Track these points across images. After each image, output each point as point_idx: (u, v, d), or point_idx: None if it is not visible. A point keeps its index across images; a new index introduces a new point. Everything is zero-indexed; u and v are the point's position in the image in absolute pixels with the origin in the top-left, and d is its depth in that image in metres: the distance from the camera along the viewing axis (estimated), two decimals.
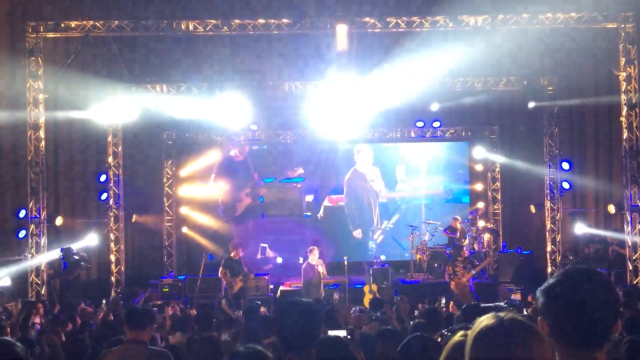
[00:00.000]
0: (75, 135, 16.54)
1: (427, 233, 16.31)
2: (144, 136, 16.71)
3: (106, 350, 5.07)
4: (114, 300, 9.27)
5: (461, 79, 15.60)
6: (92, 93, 15.13)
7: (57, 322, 8.64)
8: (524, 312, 9.29)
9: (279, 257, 17.80)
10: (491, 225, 17.33)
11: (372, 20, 13.42)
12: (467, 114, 17.03)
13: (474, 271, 13.00)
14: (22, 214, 13.30)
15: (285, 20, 13.41)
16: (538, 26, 13.52)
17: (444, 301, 11.32)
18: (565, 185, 15.73)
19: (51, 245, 14.01)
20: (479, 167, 18.09)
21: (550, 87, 15.60)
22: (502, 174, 17.78)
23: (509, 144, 17.68)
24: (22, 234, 13.28)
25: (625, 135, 13.37)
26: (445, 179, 18.43)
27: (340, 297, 13.50)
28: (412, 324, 6.04)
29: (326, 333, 5.83)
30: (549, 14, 13.29)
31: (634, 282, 12.95)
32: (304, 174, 18.36)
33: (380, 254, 17.54)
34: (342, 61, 14.48)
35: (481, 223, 17.03)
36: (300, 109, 16.30)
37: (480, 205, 17.85)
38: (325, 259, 14.27)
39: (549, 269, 15.31)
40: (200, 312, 9.01)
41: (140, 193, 16.88)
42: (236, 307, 11.57)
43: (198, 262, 15.30)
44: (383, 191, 18.44)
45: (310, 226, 18.21)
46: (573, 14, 13.26)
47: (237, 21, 13.42)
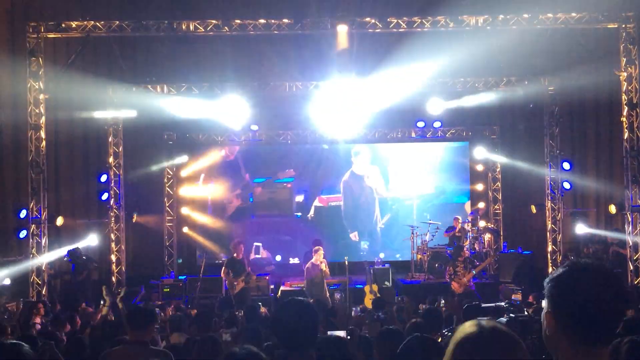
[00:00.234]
0: (76, 135, 16.56)
1: (427, 233, 16.29)
2: (145, 136, 16.71)
3: (107, 351, 5.07)
4: (114, 300, 9.26)
5: (462, 79, 15.61)
6: (92, 93, 15.15)
7: (57, 322, 8.64)
8: (524, 312, 9.29)
9: (277, 255, 17.77)
10: (492, 226, 17.32)
11: (373, 21, 13.42)
12: (468, 114, 17.01)
13: (474, 271, 12.99)
14: (22, 214, 13.30)
15: (285, 21, 13.41)
16: (539, 26, 13.52)
17: (444, 301, 11.31)
18: (566, 185, 15.72)
19: (52, 246, 14.01)
20: (479, 167, 18.08)
21: (551, 87, 15.60)
22: (502, 174, 17.77)
23: (510, 144, 17.67)
24: (23, 234, 13.27)
25: (626, 135, 13.37)
26: (437, 179, 18.30)
27: (341, 297, 13.52)
28: (409, 324, 6.03)
29: (325, 334, 5.83)
30: (550, 14, 13.28)
31: (635, 282, 12.95)
32: (295, 175, 18.21)
33: (372, 254, 17.27)
34: (342, 61, 14.49)
35: (482, 223, 17.03)
36: (300, 109, 16.31)
37: (481, 205, 17.84)
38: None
39: (549, 269, 15.30)
40: (198, 312, 9.02)
41: (141, 193, 16.87)
42: (237, 308, 11.57)
43: (198, 262, 15.33)
44: (380, 190, 18.29)
45: (301, 226, 18.07)
46: (574, 14, 13.26)
47: (238, 21, 13.41)
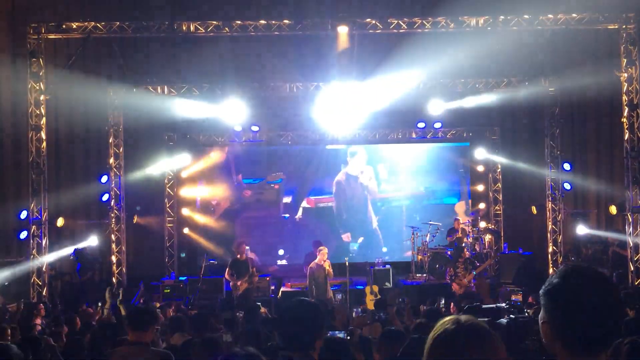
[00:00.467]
0: (77, 136, 16.56)
1: (428, 234, 16.28)
2: (145, 137, 16.71)
3: (108, 352, 5.07)
4: (115, 303, 9.25)
5: (462, 80, 15.61)
6: (93, 94, 15.15)
7: (58, 323, 8.64)
8: (525, 313, 9.27)
9: (281, 250, 17.65)
10: (492, 226, 17.31)
11: (373, 22, 13.42)
12: (469, 115, 17.01)
13: (475, 272, 12.99)
14: (23, 215, 13.31)
15: (286, 21, 13.41)
16: (539, 27, 13.52)
17: (443, 302, 11.31)
18: (567, 186, 15.72)
19: (52, 247, 14.02)
20: (480, 168, 18.08)
21: (552, 88, 15.60)
22: (503, 175, 17.75)
23: (510, 145, 17.66)
24: (24, 235, 13.28)
25: (626, 136, 13.36)
26: (427, 180, 18.18)
27: (342, 298, 13.51)
28: (413, 325, 6.04)
29: (325, 334, 5.82)
30: (550, 15, 13.28)
31: (636, 283, 12.94)
32: (285, 176, 18.05)
33: (362, 256, 16.99)
34: (343, 62, 14.50)
35: (482, 224, 17.02)
36: (301, 110, 16.31)
37: (482, 206, 17.84)
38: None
39: (550, 270, 15.29)
40: (196, 313, 8.99)
41: (142, 194, 16.87)
42: (240, 309, 11.55)
43: (199, 263, 15.32)
44: (374, 191, 18.09)
45: (289, 228, 17.92)
46: (574, 15, 13.26)
47: (238, 22, 13.42)
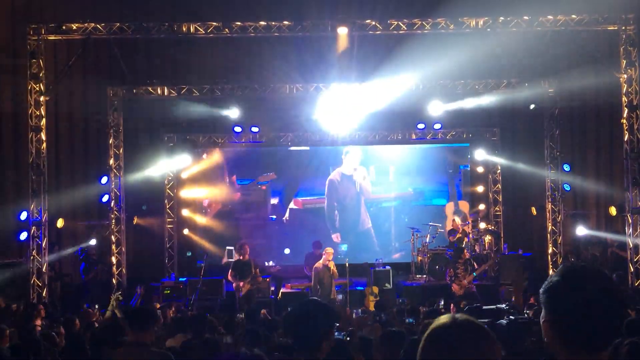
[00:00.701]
0: (77, 137, 16.57)
1: (428, 235, 16.29)
2: (145, 138, 16.70)
3: (108, 352, 5.07)
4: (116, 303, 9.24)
5: (462, 81, 15.61)
6: (93, 95, 15.16)
7: (56, 324, 8.63)
8: (524, 314, 9.28)
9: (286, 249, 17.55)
10: (492, 227, 17.30)
11: (373, 23, 13.41)
12: (468, 116, 17.01)
13: (475, 273, 13.00)
14: (23, 216, 13.30)
15: (286, 23, 13.41)
16: (539, 28, 13.52)
17: (442, 303, 11.32)
18: (567, 187, 15.72)
19: (52, 248, 14.01)
20: (480, 169, 18.08)
21: (551, 89, 15.60)
22: (503, 176, 17.75)
23: (510, 146, 17.66)
24: (24, 236, 13.27)
25: (626, 137, 13.36)
26: (415, 181, 18.10)
27: (342, 299, 13.52)
28: (421, 327, 6.05)
29: None
30: (550, 16, 13.28)
31: (636, 284, 12.94)
32: (276, 177, 17.95)
33: (352, 257, 16.35)
34: (343, 63, 14.51)
35: (482, 225, 17.02)
36: (301, 111, 16.32)
37: (482, 207, 17.84)
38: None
39: (550, 271, 15.29)
40: (196, 315, 8.98)
41: (142, 195, 16.86)
42: (241, 310, 11.55)
43: (199, 264, 15.32)
44: (367, 191, 18.00)
45: (276, 229, 17.78)
46: (574, 16, 13.26)
47: (238, 23, 13.41)
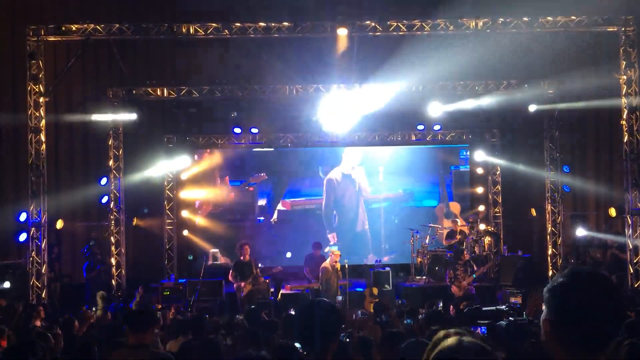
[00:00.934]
0: (76, 138, 16.56)
1: (428, 236, 16.28)
2: (145, 139, 16.69)
3: (107, 354, 5.05)
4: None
5: (462, 83, 15.61)
6: (92, 96, 15.16)
7: (54, 325, 8.62)
8: (524, 315, 9.29)
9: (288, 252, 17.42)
10: (492, 229, 17.30)
11: (373, 24, 13.41)
12: (468, 117, 17.02)
13: (474, 275, 12.99)
14: (22, 217, 13.30)
15: (285, 24, 13.41)
16: (538, 29, 13.52)
17: (441, 305, 11.30)
18: (566, 188, 15.72)
19: (51, 249, 14.01)
20: (479, 170, 18.08)
21: (551, 91, 15.60)
22: (502, 177, 17.76)
23: (510, 147, 17.66)
24: (23, 237, 13.26)
25: (625, 138, 13.36)
26: (404, 182, 18.07)
27: (342, 300, 13.51)
28: (428, 332, 6.04)
29: None
30: (550, 17, 13.29)
31: (635, 285, 12.94)
32: (267, 178, 17.87)
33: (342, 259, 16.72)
34: (342, 64, 14.51)
35: (482, 226, 17.01)
36: (301, 112, 16.32)
37: (481, 208, 17.84)
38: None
39: (549, 272, 15.30)
40: (196, 316, 8.96)
41: (141, 196, 16.86)
42: (242, 311, 11.51)
43: (198, 265, 15.30)
44: (366, 191, 17.98)
45: (263, 231, 17.66)
46: (573, 17, 13.26)
47: (238, 24, 13.41)
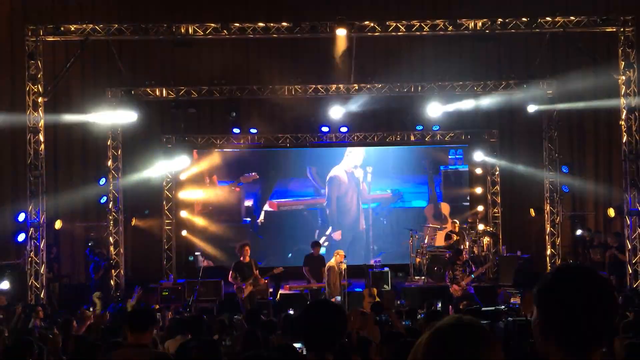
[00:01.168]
0: (75, 138, 16.55)
1: (427, 236, 16.27)
2: (144, 139, 16.68)
3: (107, 354, 5.04)
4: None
5: (461, 83, 15.60)
6: (91, 96, 15.14)
7: (52, 325, 8.62)
8: (523, 315, 9.27)
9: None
10: (491, 229, 17.30)
11: (372, 24, 13.42)
12: (467, 118, 17.03)
13: (473, 275, 12.98)
14: (21, 217, 13.28)
15: (284, 24, 13.41)
16: (537, 30, 13.53)
17: (440, 305, 11.30)
18: (565, 188, 15.73)
19: (50, 249, 13.99)
20: (478, 170, 18.08)
21: (550, 91, 15.61)
22: (501, 178, 17.74)
23: (509, 147, 17.67)
24: (22, 237, 13.25)
25: (624, 138, 13.36)
26: (392, 182, 18.01)
27: (341, 301, 13.49)
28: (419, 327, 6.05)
29: None
30: (548, 18, 13.30)
31: (634, 286, 12.93)
32: (257, 177, 17.71)
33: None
34: (341, 65, 14.51)
35: (481, 226, 17.00)
36: (300, 113, 16.32)
37: (480, 208, 17.83)
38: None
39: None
40: (194, 316, 8.92)
41: (140, 196, 16.85)
42: (243, 312, 11.48)
43: (197, 266, 15.29)
44: (365, 190, 17.93)
45: (250, 232, 17.48)
46: (572, 17, 13.28)
47: (237, 24, 13.40)
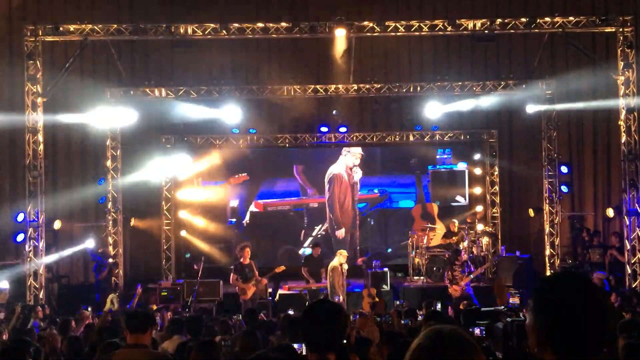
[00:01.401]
0: (74, 139, 16.54)
1: (425, 237, 16.27)
2: (143, 140, 16.67)
3: (106, 355, 5.03)
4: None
5: (460, 83, 15.60)
6: (90, 97, 15.13)
7: (51, 326, 8.61)
8: (521, 316, 9.27)
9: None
10: (490, 229, 17.30)
11: (371, 24, 13.42)
12: (466, 118, 17.03)
13: (472, 276, 12.99)
14: (20, 217, 13.28)
15: (284, 24, 13.41)
16: (536, 30, 13.54)
17: (440, 306, 11.28)
18: (564, 188, 15.74)
19: (49, 249, 13.99)
20: (478, 170, 18.07)
21: (549, 91, 15.61)
22: (500, 178, 17.75)
23: (508, 147, 17.67)
24: (21, 237, 13.25)
25: (623, 139, 13.37)
26: (384, 182, 17.99)
27: (340, 301, 13.50)
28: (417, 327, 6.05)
29: None
30: (547, 18, 13.31)
31: (633, 286, 12.94)
32: (248, 178, 17.69)
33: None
34: (340, 65, 14.52)
35: (480, 227, 17.00)
36: (299, 113, 16.32)
37: (479, 209, 17.82)
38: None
39: (547, 273, 15.29)
40: (193, 316, 8.90)
41: (139, 197, 16.84)
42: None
43: (196, 265, 15.26)
44: (358, 189, 17.88)
45: (235, 233, 17.48)
46: (571, 17, 13.29)
47: (236, 25, 13.41)
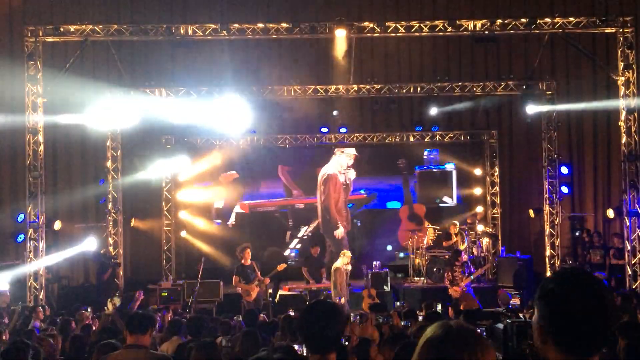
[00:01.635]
0: (74, 139, 16.53)
1: (425, 237, 16.27)
2: (143, 140, 16.68)
3: (105, 355, 5.03)
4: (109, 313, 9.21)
5: (460, 84, 15.60)
6: (91, 97, 15.12)
7: (52, 326, 8.61)
8: (521, 316, 9.27)
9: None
10: (490, 230, 17.29)
11: (371, 25, 13.42)
12: (466, 119, 17.02)
13: (472, 277, 12.98)
14: (20, 218, 13.29)
15: (284, 25, 13.41)
16: (536, 31, 13.54)
17: (440, 307, 11.27)
18: (564, 189, 15.73)
19: (49, 250, 13.98)
20: (478, 171, 18.07)
21: (549, 92, 15.61)
22: (501, 179, 17.76)
23: (508, 148, 17.67)
24: (21, 238, 13.26)
25: (623, 139, 13.37)
26: (371, 183, 17.96)
27: (340, 302, 13.49)
28: (415, 327, 6.04)
29: None
30: (548, 19, 13.31)
31: (633, 287, 12.94)
32: (238, 176, 17.67)
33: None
34: (340, 65, 14.52)
35: (480, 227, 17.00)
36: (299, 113, 16.32)
37: (480, 209, 17.82)
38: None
39: (548, 274, 15.29)
40: (193, 317, 8.89)
41: (139, 197, 16.84)
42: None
43: (196, 266, 15.26)
44: (350, 190, 17.75)
45: (221, 234, 17.45)
46: (572, 18, 13.29)
47: (236, 25, 13.41)
